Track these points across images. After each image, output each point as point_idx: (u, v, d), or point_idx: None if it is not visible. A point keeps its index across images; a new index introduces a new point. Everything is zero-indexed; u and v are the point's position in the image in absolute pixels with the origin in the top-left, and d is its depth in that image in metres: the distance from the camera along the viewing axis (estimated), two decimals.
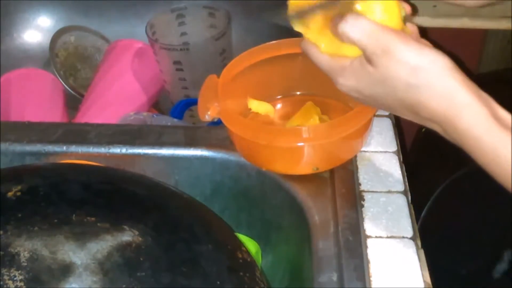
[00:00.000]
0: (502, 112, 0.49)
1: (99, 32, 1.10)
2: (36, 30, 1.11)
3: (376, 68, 0.51)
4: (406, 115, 0.54)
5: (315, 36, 0.57)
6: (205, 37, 0.92)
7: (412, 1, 0.56)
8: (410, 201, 0.65)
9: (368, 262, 0.58)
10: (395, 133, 0.73)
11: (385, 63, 0.50)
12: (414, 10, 0.58)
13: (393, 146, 0.71)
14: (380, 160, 0.69)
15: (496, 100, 0.50)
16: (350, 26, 0.51)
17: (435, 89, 0.49)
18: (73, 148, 0.71)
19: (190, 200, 0.60)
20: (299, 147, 0.65)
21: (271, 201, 0.70)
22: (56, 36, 1.06)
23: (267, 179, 0.69)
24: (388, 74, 0.51)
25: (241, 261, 0.54)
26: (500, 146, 0.47)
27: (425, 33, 0.57)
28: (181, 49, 0.90)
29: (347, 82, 0.55)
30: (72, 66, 1.07)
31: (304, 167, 0.67)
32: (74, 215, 0.52)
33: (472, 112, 0.48)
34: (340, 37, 0.53)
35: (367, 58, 0.52)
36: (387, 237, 0.61)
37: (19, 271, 0.47)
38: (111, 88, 0.95)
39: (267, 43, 0.75)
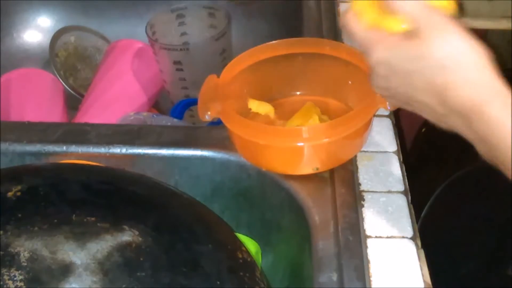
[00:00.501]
0: None
1: (99, 32, 1.10)
2: (36, 30, 1.11)
3: (421, 41, 0.50)
4: (427, 104, 0.52)
5: (363, 5, 0.55)
6: (205, 37, 0.92)
7: None
8: (410, 201, 0.65)
9: (368, 262, 0.58)
10: (395, 133, 0.73)
11: (432, 38, 0.49)
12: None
13: (393, 146, 0.71)
14: (380, 160, 0.69)
15: None
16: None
17: (471, 75, 0.49)
18: (73, 148, 0.71)
19: (190, 200, 0.60)
20: (299, 147, 0.65)
21: (271, 201, 0.70)
22: (56, 36, 1.06)
23: (267, 179, 0.69)
24: (429, 50, 0.50)
25: (241, 261, 0.54)
26: None
27: None
28: (181, 49, 0.90)
29: (380, 53, 0.53)
30: (72, 66, 1.07)
31: (304, 167, 0.67)
32: (74, 215, 0.52)
33: (503, 102, 0.48)
34: (391, 6, 0.52)
35: (413, 31, 0.51)
36: (387, 237, 0.61)
37: (19, 271, 0.47)
38: (111, 88, 0.95)
39: (267, 43, 0.75)
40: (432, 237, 0.80)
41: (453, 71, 0.49)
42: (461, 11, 0.58)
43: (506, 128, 0.47)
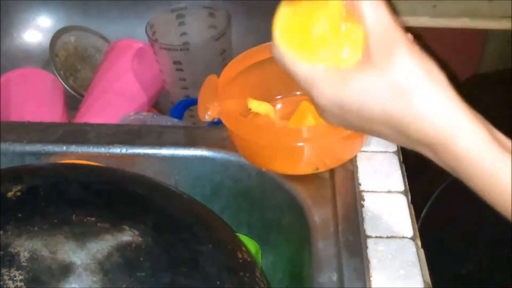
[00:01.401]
0: (501, 135, 0.45)
1: (99, 32, 1.10)
2: (36, 30, 1.11)
3: (371, 70, 0.46)
4: (388, 135, 0.48)
5: (290, 30, 0.49)
6: (205, 37, 0.92)
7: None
8: (410, 201, 0.65)
9: (368, 262, 0.58)
10: None
11: (386, 65, 0.45)
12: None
13: (393, 146, 0.71)
14: (380, 160, 0.69)
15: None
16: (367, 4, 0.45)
17: (433, 106, 0.44)
18: (73, 148, 0.71)
19: (190, 200, 0.60)
20: (299, 147, 0.65)
21: (271, 201, 0.70)
22: (56, 36, 1.06)
23: (267, 179, 0.69)
24: (384, 78, 0.45)
25: (241, 261, 0.54)
26: (502, 170, 0.43)
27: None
28: (181, 49, 0.90)
29: (329, 93, 0.48)
30: (72, 66, 1.07)
31: (304, 167, 0.67)
32: (74, 215, 0.52)
33: (471, 132, 0.44)
34: (349, 7, 0.46)
35: (364, 57, 0.46)
36: (387, 237, 0.61)
37: (19, 271, 0.47)
38: (111, 88, 0.95)
39: (267, 43, 0.75)
40: (432, 237, 0.80)
41: (409, 103, 0.45)
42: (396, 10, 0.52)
43: (474, 165, 0.44)
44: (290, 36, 0.49)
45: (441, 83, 0.45)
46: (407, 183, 0.67)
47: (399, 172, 0.68)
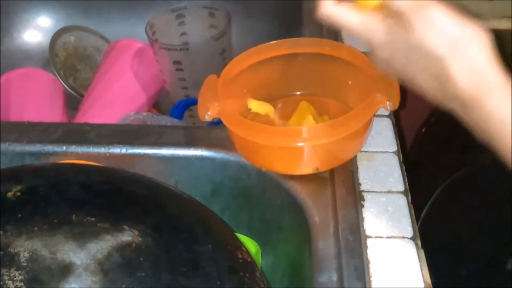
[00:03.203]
0: None
1: (99, 32, 1.10)
2: (36, 30, 1.11)
3: (414, 32, 0.49)
4: (430, 87, 0.52)
5: None
6: (205, 37, 0.92)
7: None
8: (410, 201, 0.65)
9: (368, 262, 0.58)
10: (395, 133, 0.73)
11: (423, 30, 0.49)
12: None
13: (393, 146, 0.71)
14: (380, 160, 0.69)
15: None
16: None
17: (470, 65, 0.48)
18: (73, 148, 0.71)
19: (190, 200, 0.60)
20: (299, 147, 0.65)
21: (271, 201, 0.70)
22: (56, 36, 1.06)
23: (267, 179, 0.69)
24: (424, 41, 0.49)
25: (241, 261, 0.54)
26: None
27: None
28: (181, 49, 0.90)
29: (379, 39, 0.52)
30: (72, 66, 1.07)
31: (304, 167, 0.67)
32: (74, 215, 0.52)
33: (503, 94, 0.47)
34: None
35: (405, 20, 0.50)
36: (387, 237, 0.61)
37: (19, 271, 0.47)
38: (111, 88, 0.95)
39: (267, 43, 0.75)
40: (432, 237, 0.80)
41: (452, 61, 0.48)
42: None
43: (500, 124, 0.47)
44: None
45: (482, 46, 0.48)
46: (407, 183, 0.67)
47: (399, 172, 0.68)
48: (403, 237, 0.61)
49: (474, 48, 0.48)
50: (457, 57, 0.48)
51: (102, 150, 0.71)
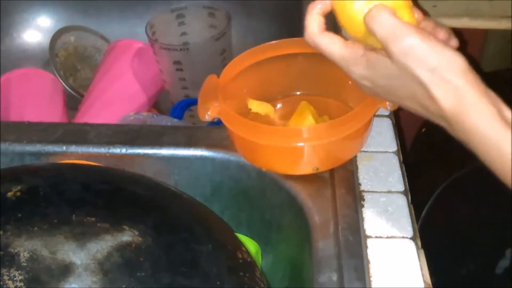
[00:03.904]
0: (508, 113, 0.51)
1: (99, 32, 1.10)
2: (36, 30, 1.11)
3: (394, 63, 0.53)
4: (413, 109, 0.55)
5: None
6: (205, 37, 0.92)
7: (412, 1, 0.56)
8: (410, 201, 0.65)
9: (368, 262, 0.58)
10: (395, 133, 0.73)
11: (403, 61, 0.52)
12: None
13: (393, 146, 0.71)
14: (380, 160, 0.69)
15: None
16: (371, 18, 0.52)
17: (448, 88, 0.51)
18: (73, 148, 0.71)
19: (190, 200, 0.60)
20: (299, 147, 0.65)
21: (271, 201, 0.70)
22: (56, 36, 1.06)
23: (267, 179, 0.69)
24: (405, 71, 0.52)
25: (241, 261, 0.54)
26: (504, 143, 0.49)
27: None
28: (181, 49, 0.90)
29: (361, 71, 0.56)
30: (72, 66, 1.07)
31: (304, 167, 0.67)
32: (74, 215, 0.52)
33: (479, 110, 0.50)
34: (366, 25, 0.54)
35: (386, 51, 0.53)
36: (387, 237, 0.61)
37: (19, 271, 0.47)
38: (111, 88, 0.95)
39: (267, 43, 0.75)
40: (432, 237, 0.80)
41: (432, 87, 0.51)
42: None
43: (481, 139, 0.51)
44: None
45: (458, 69, 0.51)
46: (407, 183, 0.67)
47: (399, 172, 0.68)
48: (403, 237, 0.61)
49: (451, 72, 0.51)
50: (437, 82, 0.51)
51: (102, 150, 0.71)
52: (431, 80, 0.51)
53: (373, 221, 0.62)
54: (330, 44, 0.57)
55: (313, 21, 0.59)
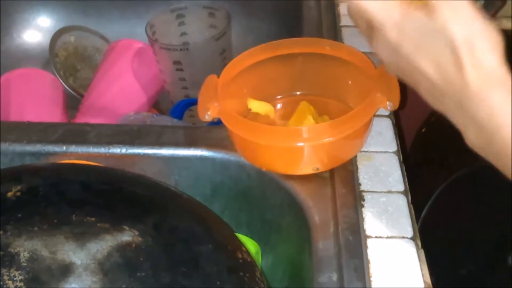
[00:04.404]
0: None
1: (99, 32, 1.10)
2: (36, 30, 1.11)
3: (434, 16, 0.49)
4: (431, 78, 0.52)
5: None
6: (205, 37, 0.92)
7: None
8: (410, 201, 0.65)
9: (368, 262, 0.58)
10: (395, 133, 0.73)
11: (447, 16, 0.49)
12: None
13: (393, 146, 0.71)
14: (380, 160, 0.69)
15: None
16: None
17: (481, 60, 0.49)
18: (73, 148, 0.71)
19: (190, 200, 0.60)
20: (299, 147, 0.65)
21: (271, 201, 0.70)
22: (56, 36, 1.06)
23: (267, 179, 0.69)
24: (445, 27, 0.49)
25: (241, 261, 0.54)
26: None
27: None
28: (181, 49, 0.90)
29: (395, 18, 0.52)
30: (72, 66, 1.07)
31: (304, 167, 0.67)
32: (74, 215, 0.52)
33: (506, 91, 0.48)
34: None
35: (428, 4, 0.50)
36: (387, 237, 0.61)
37: (19, 271, 0.47)
38: (111, 88, 0.95)
39: (267, 43, 0.75)
40: (432, 237, 0.80)
41: (464, 53, 0.49)
42: None
43: (505, 117, 0.47)
44: None
45: (491, 42, 0.49)
46: (407, 183, 0.67)
47: (399, 172, 0.68)
48: (403, 237, 0.61)
49: (488, 45, 0.49)
50: (471, 51, 0.49)
51: (102, 150, 0.71)
52: (467, 46, 0.48)
53: (373, 221, 0.62)
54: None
55: None
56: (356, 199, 0.64)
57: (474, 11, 0.49)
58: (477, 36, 0.49)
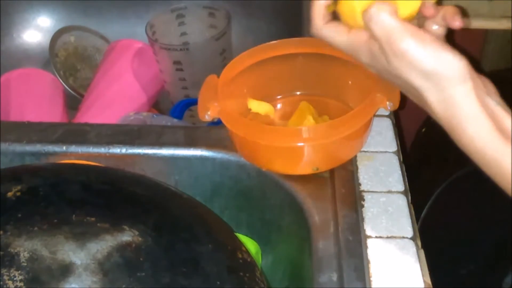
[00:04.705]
0: (508, 122, 0.49)
1: (99, 32, 1.10)
2: (36, 30, 1.11)
3: (388, 63, 0.51)
4: (417, 101, 0.54)
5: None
6: (205, 37, 0.92)
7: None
8: (410, 201, 0.65)
9: (368, 262, 0.58)
10: (395, 133, 0.73)
11: (396, 64, 0.50)
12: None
13: (393, 146, 0.71)
14: (380, 160, 0.69)
15: None
16: (369, 18, 0.51)
17: (443, 97, 0.49)
18: (73, 148, 0.71)
19: (190, 200, 0.60)
20: (299, 147, 0.65)
21: (271, 201, 0.70)
22: (56, 36, 1.06)
23: (267, 179, 0.69)
24: (399, 73, 0.51)
25: (241, 261, 0.54)
26: (503, 159, 0.48)
27: None
28: (181, 49, 0.90)
29: (365, 59, 0.55)
30: (72, 66, 1.07)
31: (304, 167, 0.67)
32: (74, 215, 0.52)
33: (477, 124, 0.49)
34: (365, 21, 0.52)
35: (382, 51, 0.51)
36: (387, 237, 0.61)
37: (19, 271, 0.47)
38: (111, 88, 0.95)
39: (267, 43, 0.75)
40: (432, 237, 0.80)
41: (427, 92, 0.50)
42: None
43: (479, 153, 0.49)
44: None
45: (455, 76, 0.49)
46: (407, 183, 0.67)
47: (399, 172, 0.68)
48: (403, 237, 0.61)
49: (447, 79, 0.49)
50: (432, 88, 0.50)
51: (102, 150, 0.71)
52: (425, 86, 0.50)
53: (373, 221, 0.62)
54: (336, 35, 0.56)
55: (317, 14, 0.56)
56: (356, 199, 0.64)
57: (423, 47, 0.49)
58: (433, 73, 0.49)
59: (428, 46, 0.49)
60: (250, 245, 0.70)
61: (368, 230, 0.61)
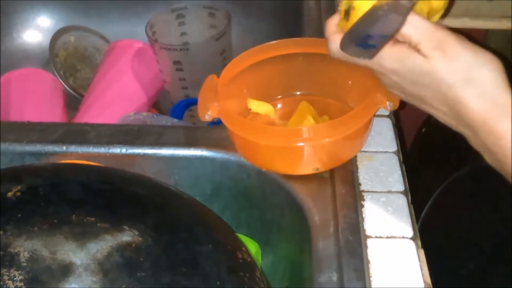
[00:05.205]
0: None
1: (99, 32, 1.10)
2: (36, 30, 1.11)
3: (426, 59, 0.51)
4: (441, 111, 0.53)
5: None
6: (205, 37, 0.92)
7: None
8: (410, 201, 0.65)
9: (368, 262, 0.58)
10: (395, 133, 0.73)
11: (436, 57, 0.50)
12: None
13: (393, 146, 0.71)
14: (380, 160, 0.69)
15: None
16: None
17: (482, 90, 0.49)
18: (73, 148, 0.71)
19: (190, 200, 0.60)
20: (299, 147, 0.65)
21: (271, 201, 0.70)
22: (56, 36, 1.06)
23: (267, 179, 0.69)
24: (438, 68, 0.50)
25: (241, 261, 0.54)
26: None
27: None
28: (181, 49, 0.90)
29: (390, 64, 0.54)
30: (72, 66, 1.07)
31: (304, 167, 0.67)
32: (74, 215, 0.52)
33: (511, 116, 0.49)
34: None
35: (417, 47, 0.51)
36: (387, 237, 0.61)
37: (19, 271, 0.47)
38: (111, 88, 0.95)
39: (267, 43, 0.75)
40: (432, 237, 0.80)
41: (465, 87, 0.50)
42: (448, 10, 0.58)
43: (510, 146, 0.48)
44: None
45: (494, 71, 0.50)
46: (407, 183, 0.67)
47: (399, 172, 0.68)
48: (403, 237, 0.61)
49: (485, 74, 0.50)
50: (469, 83, 0.50)
51: (102, 150, 0.71)
52: (464, 80, 0.50)
53: (373, 221, 0.62)
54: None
55: (334, 37, 0.57)
56: (356, 199, 0.64)
57: (464, 44, 0.50)
58: (472, 67, 0.49)
59: (467, 43, 0.51)
60: (250, 245, 0.70)
61: (368, 230, 0.61)
